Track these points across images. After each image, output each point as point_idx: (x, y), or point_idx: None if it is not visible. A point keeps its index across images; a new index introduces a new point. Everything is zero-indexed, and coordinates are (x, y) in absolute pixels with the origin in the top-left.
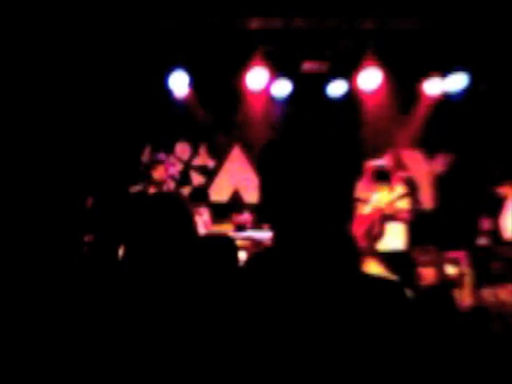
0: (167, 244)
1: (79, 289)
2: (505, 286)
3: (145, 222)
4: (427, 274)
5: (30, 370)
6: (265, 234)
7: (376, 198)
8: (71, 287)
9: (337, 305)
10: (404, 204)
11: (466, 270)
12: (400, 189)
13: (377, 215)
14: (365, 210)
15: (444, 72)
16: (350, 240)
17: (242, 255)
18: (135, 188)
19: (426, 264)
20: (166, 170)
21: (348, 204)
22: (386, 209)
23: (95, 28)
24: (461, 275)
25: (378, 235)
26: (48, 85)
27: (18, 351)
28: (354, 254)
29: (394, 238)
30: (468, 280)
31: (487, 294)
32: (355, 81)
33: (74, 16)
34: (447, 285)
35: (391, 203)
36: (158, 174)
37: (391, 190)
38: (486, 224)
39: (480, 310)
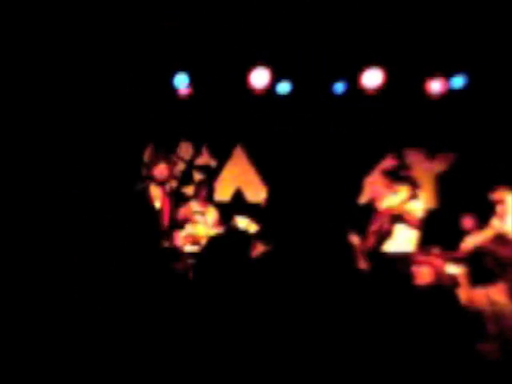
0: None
1: (79, 289)
2: (496, 285)
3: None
4: (425, 274)
5: (29, 369)
6: None
7: (390, 198)
8: (71, 287)
9: (335, 302)
10: (416, 208)
11: (464, 269)
12: (405, 190)
13: (387, 214)
14: (379, 209)
15: (446, 72)
16: (346, 240)
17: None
18: (135, 186)
19: (424, 263)
20: (168, 168)
21: (348, 205)
22: (397, 209)
23: (97, 28)
24: (458, 275)
25: (385, 234)
26: (51, 84)
27: (17, 351)
28: (350, 253)
29: (405, 241)
30: (464, 280)
31: (479, 293)
32: (356, 80)
33: (75, 16)
34: (444, 285)
35: (401, 204)
36: (159, 172)
37: (404, 190)
38: (468, 223)
39: (473, 310)
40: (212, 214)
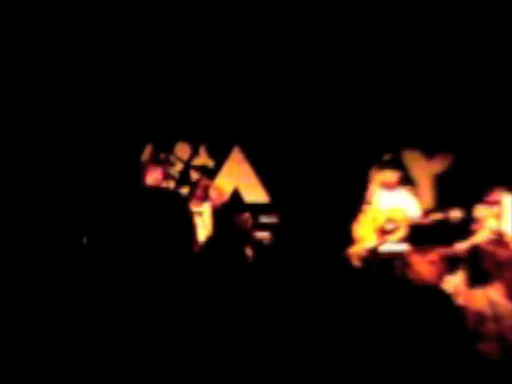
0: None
1: (79, 287)
2: (494, 285)
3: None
4: (420, 274)
5: (29, 369)
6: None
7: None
8: (71, 286)
9: (333, 300)
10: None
11: (462, 273)
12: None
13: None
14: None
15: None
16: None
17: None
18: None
19: (413, 264)
20: (163, 173)
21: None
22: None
23: (95, 27)
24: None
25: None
26: (49, 84)
27: (17, 350)
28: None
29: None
30: (462, 280)
31: (478, 293)
32: None
33: (75, 16)
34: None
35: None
36: (152, 177)
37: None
38: (495, 197)
39: (472, 310)
40: (208, 214)
